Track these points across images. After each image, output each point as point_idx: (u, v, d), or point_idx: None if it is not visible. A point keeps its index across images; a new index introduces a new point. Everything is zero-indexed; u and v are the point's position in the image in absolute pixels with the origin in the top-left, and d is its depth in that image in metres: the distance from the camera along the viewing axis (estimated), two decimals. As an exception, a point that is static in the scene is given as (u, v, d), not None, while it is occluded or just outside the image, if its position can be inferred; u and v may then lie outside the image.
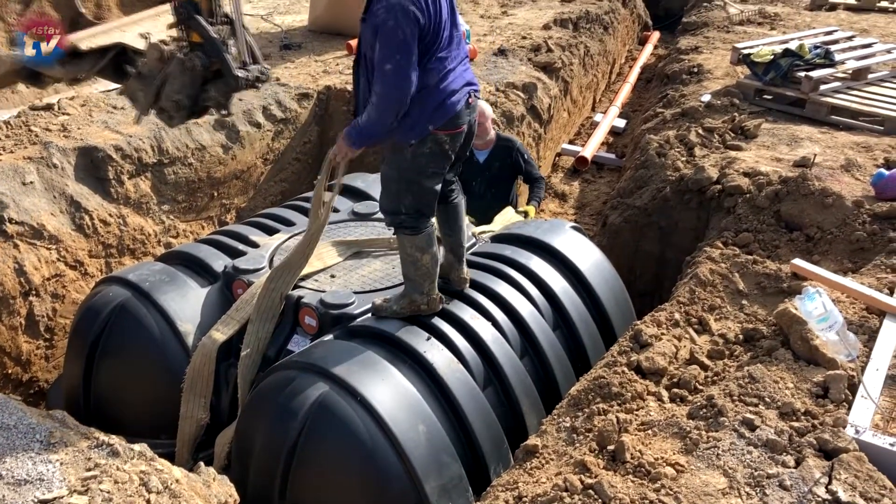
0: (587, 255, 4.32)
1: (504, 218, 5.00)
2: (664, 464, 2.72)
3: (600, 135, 8.87)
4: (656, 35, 12.60)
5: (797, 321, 3.28)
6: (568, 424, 3.12)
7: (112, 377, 3.85)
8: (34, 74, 3.66)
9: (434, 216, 3.52)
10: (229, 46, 3.48)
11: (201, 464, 2.91)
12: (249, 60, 3.59)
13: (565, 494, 2.65)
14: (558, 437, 3.07)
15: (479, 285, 3.86)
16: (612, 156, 8.62)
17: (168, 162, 5.47)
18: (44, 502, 2.37)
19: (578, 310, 4.05)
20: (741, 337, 3.55)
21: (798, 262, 4.08)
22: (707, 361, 3.39)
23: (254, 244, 4.30)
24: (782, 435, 2.77)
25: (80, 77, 3.76)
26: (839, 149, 5.60)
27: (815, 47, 6.79)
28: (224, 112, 3.68)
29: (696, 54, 8.37)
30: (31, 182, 4.78)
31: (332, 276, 4.01)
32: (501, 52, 7.88)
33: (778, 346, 3.33)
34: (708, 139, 5.89)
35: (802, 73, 6.42)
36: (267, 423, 3.27)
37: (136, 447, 2.68)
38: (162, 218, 5.50)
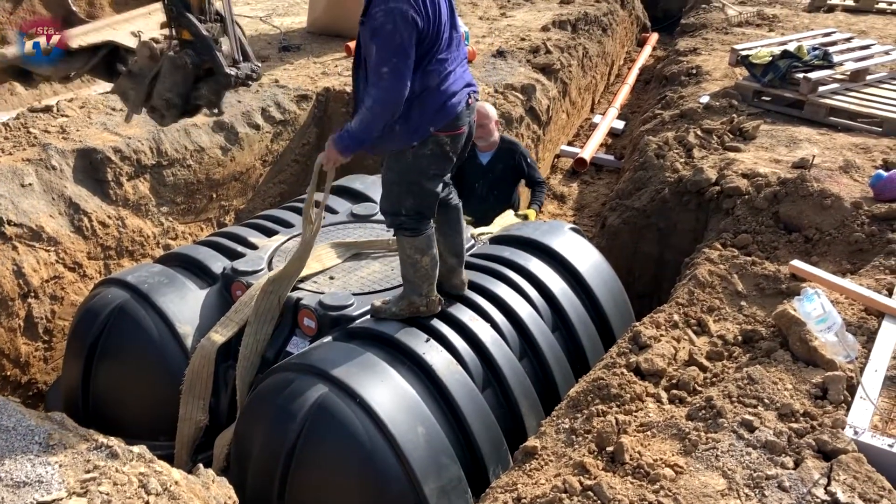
0: (586, 257, 4.32)
1: (504, 221, 5.00)
2: (663, 465, 2.72)
3: (599, 136, 8.87)
4: (655, 37, 12.61)
5: (796, 322, 3.29)
6: (567, 426, 3.12)
7: (111, 379, 3.85)
8: (24, 72, 3.62)
9: (434, 218, 3.52)
10: (220, 44, 3.44)
11: (200, 465, 2.91)
12: (240, 58, 3.54)
13: (564, 496, 2.65)
14: (557, 439, 3.07)
15: (478, 287, 3.86)
16: (610, 157, 8.62)
17: (167, 164, 5.47)
18: (43, 504, 2.37)
19: (577, 311, 4.05)
20: (740, 338, 3.55)
21: (797, 263, 4.09)
22: (706, 363, 3.39)
23: (252, 246, 4.29)
24: (781, 436, 2.77)
25: (70, 75, 3.71)
26: (838, 150, 5.61)
27: (814, 49, 6.80)
28: (216, 111, 3.64)
29: (694, 56, 8.38)
30: (29, 184, 4.78)
31: (331, 277, 4.01)
32: (500, 54, 7.89)
33: (777, 348, 3.34)
34: (706, 140, 5.89)
35: (801, 75, 6.43)
36: (266, 424, 3.27)
37: (135, 449, 2.67)
38: (161, 220, 5.50)
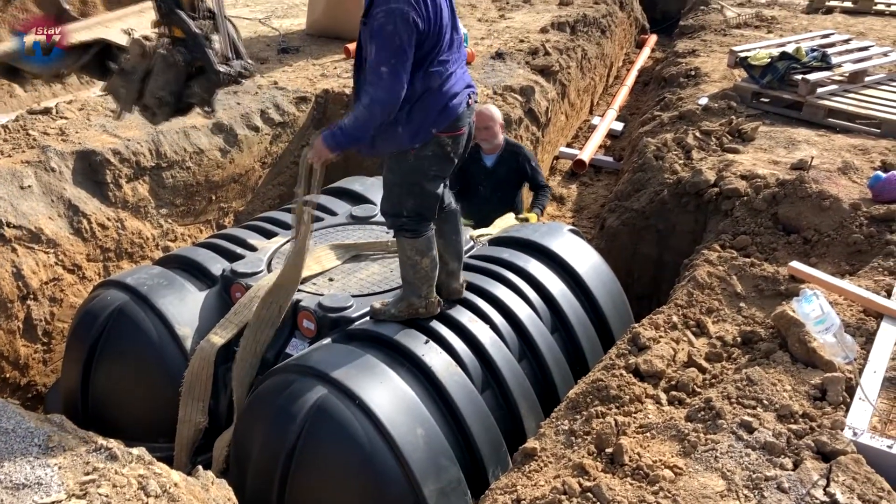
0: (585, 258, 4.32)
1: (504, 223, 5.00)
2: (662, 466, 2.72)
3: (598, 138, 8.88)
4: (654, 38, 12.62)
5: (795, 323, 3.29)
6: (566, 427, 3.12)
7: (110, 381, 3.85)
8: (12, 70, 3.57)
9: (434, 219, 3.52)
10: (212, 41, 3.40)
11: (200, 467, 2.91)
12: (232, 55, 3.50)
13: (564, 497, 2.65)
14: (557, 440, 3.07)
15: (477, 288, 3.86)
16: (609, 159, 8.62)
17: (166, 166, 5.48)
18: (42, 506, 2.37)
19: (576, 313, 4.05)
20: (739, 339, 3.55)
21: (795, 264, 4.09)
22: (705, 364, 3.39)
23: (252, 248, 4.29)
24: (780, 437, 2.78)
25: (61, 73, 3.68)
26: (836, 151, 5.61)
27: (812, 50, 6.81)
28: (208, 109, 3.61)
29: (693, 57, 8.38)
30: (28, 186, 4.78)
31: (331, 279, 4.01)
32: (499, 56, 7.89)
33: (776, 349, 3.34)
34: (705, 142, 5.90)
35: (799, 76, 6.44)
36: (265, 426, 3.27)
37: (134, 451, 2.67)
38: (160, 221, 5.50)
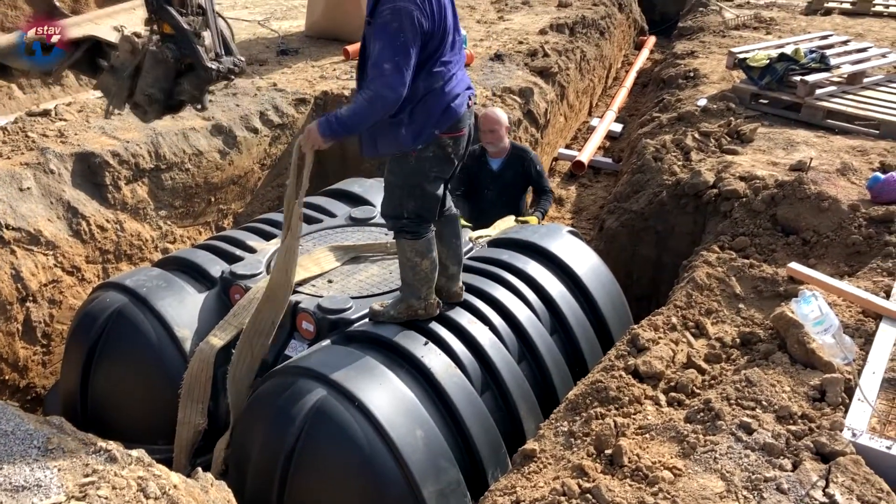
0: (584, 260, 4.32)
1: (504, 225, 5.00)
2: (662, 468, 2.72)
3: (597, 139, 8.88)
4: (652, 40, 12.63)
5: (794, 325, 3.29)
6: (566, 429, 3.12)
7: (109, 383, 3.85)
8: (1, 67, 3.56)
9: (434, 221, 3.52)
10: (202, 38, 3.38)
11: (199, 469, 2.90)
12: (223, 52, 3.48)
13: (563, 499, 2.65)
14: (556, 442, 3.07)
15: (476, 290, 3.87)
16: (608, 160, 8.63)
17: (165, 167, 5.48)
18: (41, 509, 2.36)
19: (576, 314, 4.05)
20: (738, 341, 3.55)
21: (794, 265, 4.09)
22: (704, 365, 3.39)
23: (251, 249, 4.29)
24: (779, 438, 2.78)
25: (51, 71, 3.66)
26: (835, 153, 5.62)
27: (811, 52, 6.82)
28: (199, 106, 3.59)
29: (692, 59, 8.39)
30: (28, 188, 4.78)
31: (330, 281, 4.01)
32: (498, 57, 7.90)
33: (775, 350, 3.34)
34: (704, 143, 5.90)
35: (798, 78, 6.44)
36: (265, 428, 3.27)
37: (133, 453, 2.67)
38: (159, 223, 5.50)
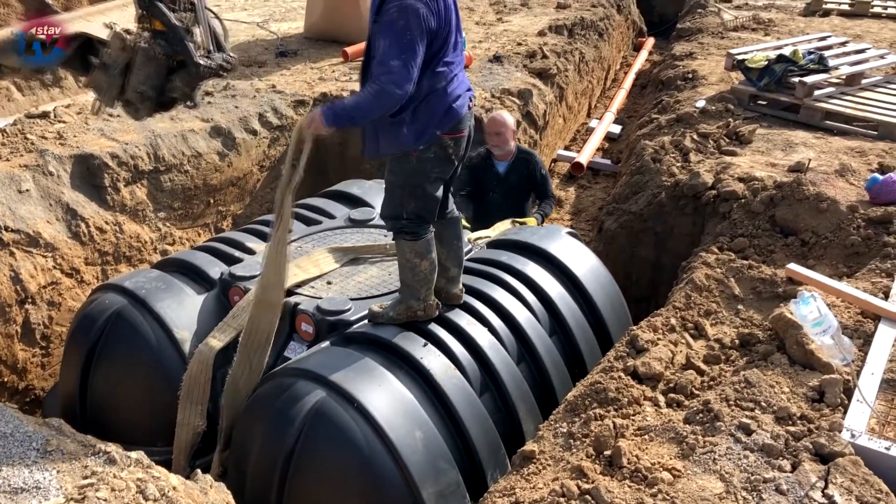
0: (583, 261, 4.33)
1: (503, 226, 5.01)
2: (661, 469, 2.72)
3: (596, 141, 8.88)
4: (651, 41, 12.64)
5: (792, 326, 3.29)
6: (565, 430, 3.12)
7: (108, 385, 3.84)
8: None
9: (434, 222, 3.53)
10: (193, 34, 3.36)
11: (198, 471, 2.90)
12: (214, 48, 3.47)
13: (562, 500, 2.65)
14: (555, 443, 3.08)
15: (475, 291, 3.87)
16: (607, 161, 8.63)
17: (164, 169, 5.48)
18: (40, 510, 2.36)
19: (575, 315, 4.06)
20: (737, 342, 3.56)
21: (793, 266, 4.10)
22: (703, 366, 3.39)
23: (250, 251, 4.29)
24: (778, 439, 2.78)
25: (42, 69, 3.64)
26: (833, 154, 5.62)
27: (809, 53, 6.82)
28: (190, 103, 3.57)
29: (690, 60, 8.40)
30: (27, 190, 4.78)
31: (329, 282, 4.01)
32: (497, 59, 7.90)
33: (773, 351, 3.34)
34: (703, 145, 5.90)
35: (796, 79, 6.45)
36: (264, 429, 3.27)
37: (132, 455, 2.67)
38: (158, 225, 5.50)
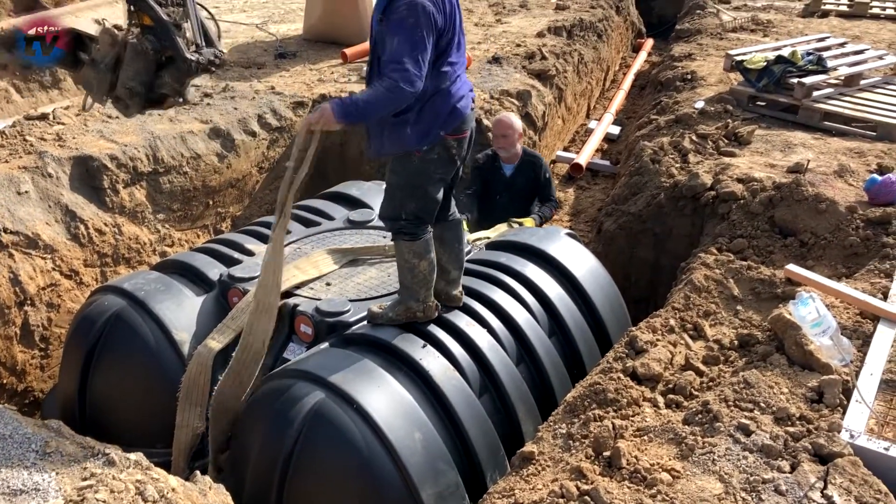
0: (582, 262, 4.33)
1: (503, 227, 5.03)
2: (660, 469, 2.72)
3: (595, 142, 8.89)
4: (650, 42, 12.64)
5: (791, 326, 3.30)
6: (564, 431, 3.12)
7: (108, 386, 3.84)
8: None
9: (432, 223, 3.53)
10: (183, 29, 3.35)
11: (197, 473, 2.90)
12: (203, 43, 3.45)
13: (562, 501, 2.65)
14: (554, 444, 3.07)
15: (474, 292, 3.87)
16: (606, 162, 8.63)
17: (163, 171, 5.47)
18: (39, 512, 2.36)
19: (574, 316, 4.06)
20: (736, 342, 3.56)
21: (792, 267, 4.10)
22: (702, 367, 3.40)
23: (249, 252, 4.29)
24: (777, 440, 2.78)
25: (31, 64, 3.62)
26: (832, 154, 5.62)
27: (808, 54, 6.83)
28: (180, 99, 3.56)
29: (689, 61, 8.40)
30: (26, 192, 4.77)
31: (328, 283, 4.01)
32: (496, 60, 7.90)
33: (772, 352, 3.35)
34: (702, 146, 5.91)
35: (795, 80, 6.45)
36: (263, 430, 3.27)
37: (131, 456, 2.67)
38: (157, 227, 5.50)
